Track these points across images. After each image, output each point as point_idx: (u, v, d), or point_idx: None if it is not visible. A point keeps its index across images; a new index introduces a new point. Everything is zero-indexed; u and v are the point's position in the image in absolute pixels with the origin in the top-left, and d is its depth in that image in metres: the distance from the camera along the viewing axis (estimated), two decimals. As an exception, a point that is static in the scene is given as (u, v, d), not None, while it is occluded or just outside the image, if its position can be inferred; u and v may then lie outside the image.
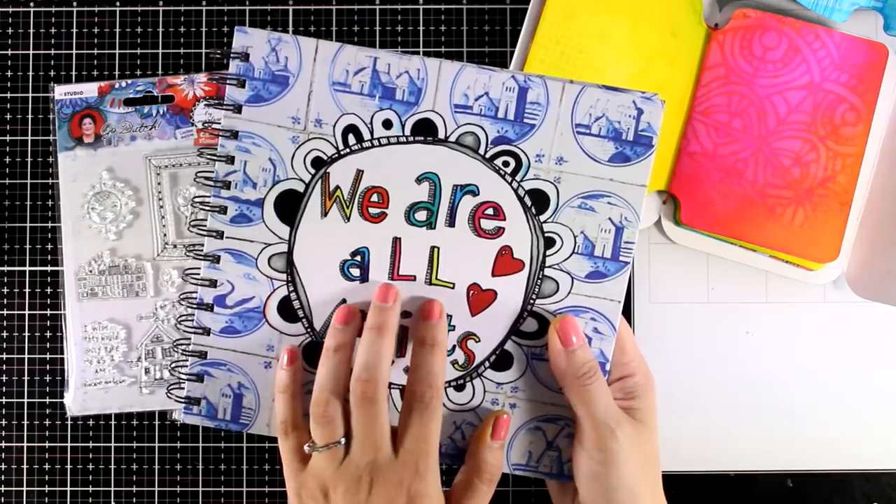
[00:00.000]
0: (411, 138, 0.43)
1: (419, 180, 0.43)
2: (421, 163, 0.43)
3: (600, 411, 0.41)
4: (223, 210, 0.43)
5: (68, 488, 0.53)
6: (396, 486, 0.40)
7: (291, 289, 0.44)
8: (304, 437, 0.42)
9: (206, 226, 0.43)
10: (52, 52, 0.54)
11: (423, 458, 0.41)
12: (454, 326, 0.44)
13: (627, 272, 0.43)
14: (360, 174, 0.43)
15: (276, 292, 0.44)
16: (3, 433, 0.53)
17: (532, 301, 0.43)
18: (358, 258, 0.43)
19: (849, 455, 0.53)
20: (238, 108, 0.43)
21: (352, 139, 0.43)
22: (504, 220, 0.43)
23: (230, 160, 0.43)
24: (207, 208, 0.43)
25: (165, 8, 0.54)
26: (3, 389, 0.53)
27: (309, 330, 0.44)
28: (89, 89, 0.52)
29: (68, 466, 0.53)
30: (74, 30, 0.54)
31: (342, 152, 0.43)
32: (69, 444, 0.53)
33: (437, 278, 0.43)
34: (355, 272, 0.43)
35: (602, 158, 0.43)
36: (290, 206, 0.43)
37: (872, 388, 0.53)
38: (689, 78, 0.50)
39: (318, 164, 0.43)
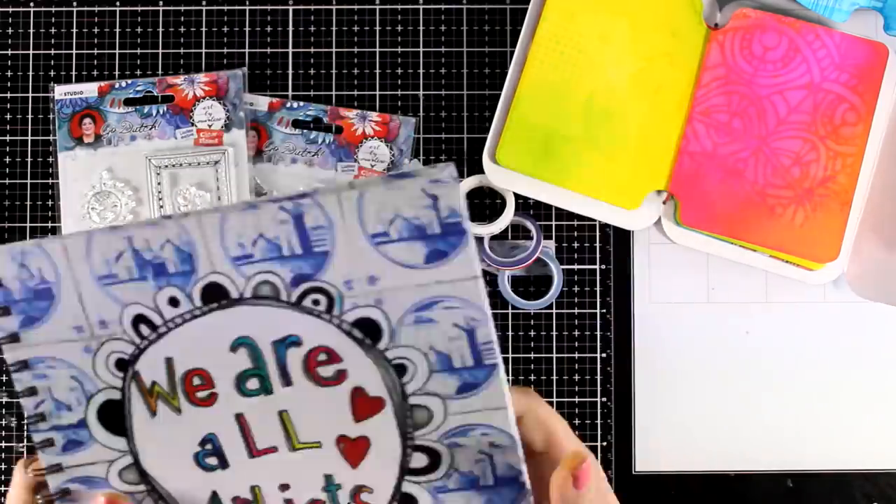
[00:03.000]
0: (205, 308, 0.38)
1: (234, 348, 0.38)
2: (227, 330, 0.38)
3: None
4: (50, 443, 0.39)
5: (68, 488, 0.53)
6: None
7: (156, 497, 0.40)
8: None
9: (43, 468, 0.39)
10: (52, 52, 0.54)
11: None
12: (339, 485, 0.39)
13: (500, 374, 0.37)
14: (170, 362, 0.38)
15: None
16: (3, 433, 0.53)
17: (410, 435, 0.38)
18: (209, 446, 0.39)
19: (849, 455, 0.53)
20: (15, 338, 0.38)
21: (145, 329, 0.38)
22: (341, 361, 0.38)
23: (32, 391, 0.39)
24: (37, 446, 0.39)
25: (165, 8, 0.54)
26: (4, 389, 0.53)
27: None
28: (89, 89, 0.52)
29: (68, 466, 0.53)
30: (74, 30, 0.54)
31: (141, 346, 0.39)
32: (69, 444, 0.53)
33: (299, 442, 0.39)
34: (213, 461, 0.39)
35: (416, 263, 0.36)
36: (115, 417, 0.39)
37: (872, 388, 0.53)
38: (689, 78, 0.50)
39: (123, 365, 0.39)
